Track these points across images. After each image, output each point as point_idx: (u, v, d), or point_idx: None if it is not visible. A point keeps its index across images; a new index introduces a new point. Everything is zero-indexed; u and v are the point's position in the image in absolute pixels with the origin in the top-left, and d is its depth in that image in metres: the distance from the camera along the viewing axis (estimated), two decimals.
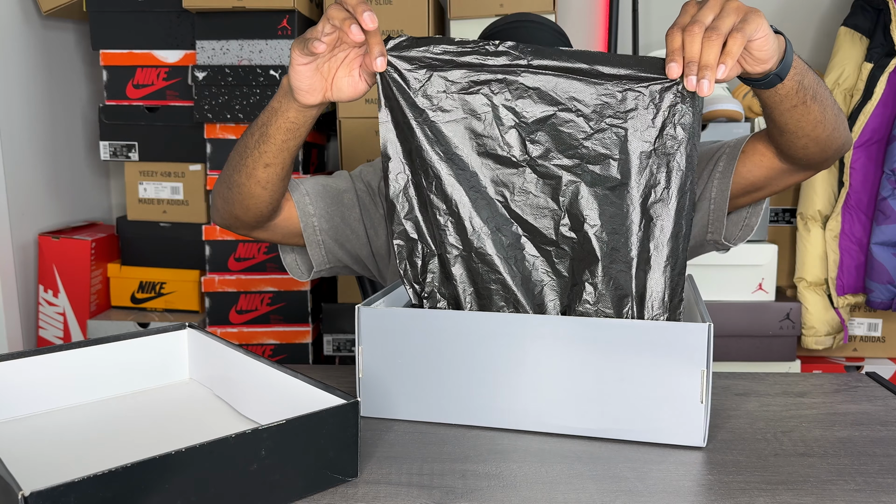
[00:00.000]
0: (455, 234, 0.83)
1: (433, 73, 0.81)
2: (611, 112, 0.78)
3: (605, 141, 0.79)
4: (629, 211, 0.78)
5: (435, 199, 0.83)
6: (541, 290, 0.83)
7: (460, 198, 0.82)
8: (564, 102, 0.79)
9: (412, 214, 0.85)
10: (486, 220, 0.82)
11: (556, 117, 0.80)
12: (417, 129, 0.82)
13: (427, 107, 0.81)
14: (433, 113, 0.81)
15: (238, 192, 0.97)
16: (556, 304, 0.83)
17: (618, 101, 0.78)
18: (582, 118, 0.79)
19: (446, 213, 0.83)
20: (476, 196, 0.82)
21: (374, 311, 0.81)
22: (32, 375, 0.81)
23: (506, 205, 0.83)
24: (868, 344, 2.07)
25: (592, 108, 0.79)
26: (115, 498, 0.54)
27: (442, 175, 0.82)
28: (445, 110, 0.82)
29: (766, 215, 2.02)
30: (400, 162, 0.84)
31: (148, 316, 2.12)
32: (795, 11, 2.26)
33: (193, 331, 0.91)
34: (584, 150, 0.80)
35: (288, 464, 0.64)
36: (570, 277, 0.82)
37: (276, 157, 0.93)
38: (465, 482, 0.69)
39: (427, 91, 0.81)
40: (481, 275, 0.83)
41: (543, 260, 0.83)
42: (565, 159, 0.80)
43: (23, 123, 2.05)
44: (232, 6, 1.91)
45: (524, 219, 0.82)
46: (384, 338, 0.81)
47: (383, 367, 0.82)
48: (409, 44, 0.81)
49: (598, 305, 0.80)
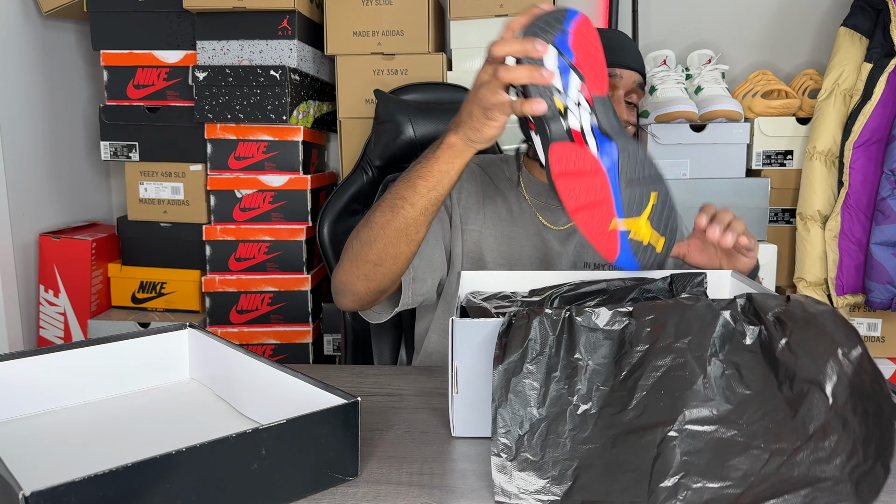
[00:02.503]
0: None
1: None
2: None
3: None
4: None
5: None
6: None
7: None
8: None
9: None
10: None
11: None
12: None
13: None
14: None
15: (394, 263, 0.98)
16: None
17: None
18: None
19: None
20: None
21: (472, 324, 0.76)
22: (32, 375, 0.81)
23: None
24: (868, 344, 2.07)
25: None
26: (115, 498, 0.54)
27: None
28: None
29: (766, 215, 2.02)
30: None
31: (148, 316, 2.12)
32: (795, 11, 2.27)
33: (194, 331, 0.91)
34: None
35: (288, 463, 0.64)
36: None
37: (434, 210, 0.97)
38: (465, 482, 0.69)
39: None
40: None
41: None
42: None
43: (23, 123, 2.06)
44: (232, 6, 1.91)
45: None
46: (481, 352, 0.76)
47: (480, 383, 0.77)
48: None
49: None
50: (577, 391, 0.69)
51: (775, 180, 2.05)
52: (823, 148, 1.94)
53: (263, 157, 2.01)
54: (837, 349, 0.67)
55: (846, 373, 0.66)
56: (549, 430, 0.68)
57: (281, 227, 2.03)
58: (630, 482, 0.64)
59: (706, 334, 0.70)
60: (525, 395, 0.69)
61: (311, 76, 2.09)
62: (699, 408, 0.66)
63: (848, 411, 0.64)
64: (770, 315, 0.70)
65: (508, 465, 0.66)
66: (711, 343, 0.70)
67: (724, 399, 0.67)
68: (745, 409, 0.66)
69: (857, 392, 0.65)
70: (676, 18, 2.29)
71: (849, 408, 0.64)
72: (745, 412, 0.66)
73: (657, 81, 2.06)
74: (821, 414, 0.64)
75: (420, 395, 0.91)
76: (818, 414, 0.65)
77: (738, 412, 0.66)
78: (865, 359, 0.66)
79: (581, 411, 0.69)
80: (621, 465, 0.65)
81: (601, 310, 0.73)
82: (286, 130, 2.00)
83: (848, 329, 0.68)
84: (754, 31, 2.28)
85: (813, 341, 0.68)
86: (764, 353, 0.69)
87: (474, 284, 0.98)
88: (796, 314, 0.70)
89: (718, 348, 0.70)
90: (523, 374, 0.70)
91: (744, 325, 0.71)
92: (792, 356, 0.68)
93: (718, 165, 2.01)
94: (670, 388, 0.68)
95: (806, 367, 0.67)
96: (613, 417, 0.68)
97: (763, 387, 0.67)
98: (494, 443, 0.67)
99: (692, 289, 0.91)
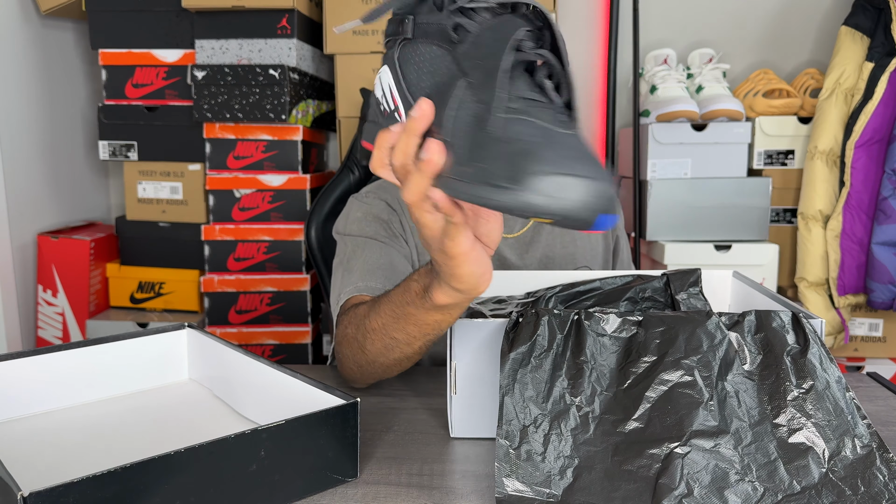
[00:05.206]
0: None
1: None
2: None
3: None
4: None
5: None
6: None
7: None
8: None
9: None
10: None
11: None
12: None
13: None
14: None
15: (398, 370, 0.86)
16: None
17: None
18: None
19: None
20: None
21: (471, 325, 0.76)
22: (32, 375, 0.81)
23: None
24: (869, 344, 2.06)
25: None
26: (114, 498, 0.54)
27: None
28: None
29: (768, 215, 2.02)
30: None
31: (147, 316, 2.11)
32: (796, 11, 2.26)
33: (193, 331, 0.91)
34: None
35: (287, 464, 0.64)
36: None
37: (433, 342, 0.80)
38: (465, 482, 0.69)
39: None
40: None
41: None
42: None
43: (22, 123, 2.05)
44: (231, 5, 1.91)
45: None
46: (480, 353, 0.76)
47: (479, 384, 0.77)
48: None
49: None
50: (581, 392, 0.69)
51: (776, 180, 2.04)
52: (825, 147, 1.94)
53: (262, 157, 2.01)
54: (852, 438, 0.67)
55: (849, 457, 0.66)
56: (552, 426, 0.68)
57: (280, 227, 2.02)
58: (632, 493, 0.64)
59: (715, 354, 0.70)
60: (531, 387, 0.69)
61: (310, 75, 2.09)
62: (704, 429, 0.66)
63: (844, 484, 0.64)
64: (787, 356, 0.70)
65: (511, 454, 0.66)
66: (719, 364, 0.70)
67: (725, 424, 0.67)
68: (742, 438, 0.66)
69: (859, 475, 0.65)
70: (677, 17, 2.29)
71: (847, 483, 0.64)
72: (741, 441, 0.66)
73: (658, 81, 2.06)
74: (814, 478, 0.64)
75: (419, 396, 0.91)
76: (811, 475, 0.64)
77: (736, 440, 0.66)
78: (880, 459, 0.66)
79: (583, 412, 0.69)
80: (623, 474, 0.65)
81: (610, 316, 0.73)
82: (285, 130, 1.99)
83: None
84: (755, 30, 2.28)
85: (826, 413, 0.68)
86: (762, 380, 0.69)
87: None
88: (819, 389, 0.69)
89: (725, 371, 0.70)
90: (530, 368, 0.70)
91: (745, 351, 0.71)
92: (802, 408, 0.68)
93: (720, 165, 2.00)
94: (677, 405, 0.68)
95: (813, 432, 0.67)
96: (616, 424, 0.68)
97: (759, 419, 0.68)
98: (500, 430, 0.67)
99: (688, 288, 0.90)
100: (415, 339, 0.77)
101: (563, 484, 0.65)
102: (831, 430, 0.66)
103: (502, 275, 0.97)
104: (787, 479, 0.64)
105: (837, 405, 0.68)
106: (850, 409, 0.68)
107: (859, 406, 0.68)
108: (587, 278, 0.94)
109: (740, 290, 0.95)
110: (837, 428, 0.67)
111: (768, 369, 0.70)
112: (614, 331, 0.73)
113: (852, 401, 0.68)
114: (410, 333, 0.76)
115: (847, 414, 0.67)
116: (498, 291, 0.97)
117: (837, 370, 0.70)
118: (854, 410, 0.67)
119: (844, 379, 0.70)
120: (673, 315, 0.73)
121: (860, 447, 0.65)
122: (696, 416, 0.67)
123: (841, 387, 0.69)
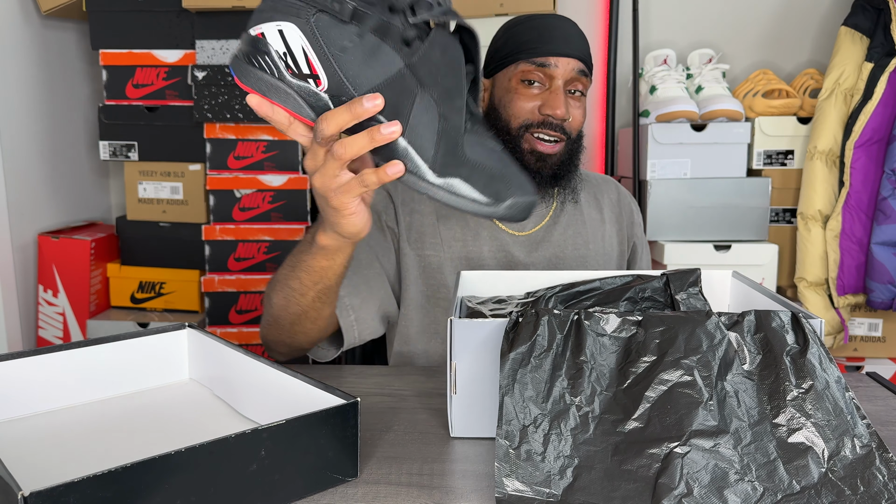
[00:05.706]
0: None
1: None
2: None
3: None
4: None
5: None
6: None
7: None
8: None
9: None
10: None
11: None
12: None
13: None
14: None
15: (306, 336, 0.97)
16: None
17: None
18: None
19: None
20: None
21: (471, 325, 0.76)
22: (32, 375, 0.81)
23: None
24: (868, 344, 2.07)
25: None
26: (114, 498, 0.54)
27: None
28: None
29: (767, 215, 2.02)
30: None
31: (148, 316, 2.11)
32: (796, 11, 2.26)
33: (193, 331, 0.91)
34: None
35: (288, 464, 0.64)
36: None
37: (336, 288, 0.92)
38: (465, 482, 0.69)
39: None
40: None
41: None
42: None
43: (22, 123, 2.05)
44: (232, 6, 1.91)
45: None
46: (480, 353, 0.76)
47: (479, 384, 0.77)
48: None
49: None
50: (581, 392, 0.69)
51: (776, 180, 2.05)
52: (824, 147, 1.94)
53: (263, 157, 2.01)
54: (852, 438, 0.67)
55: (849, 458, 0.66)
56: (552, 426, 0.68)
57: (280, 227, 2.02)
58: (632, 493, 0.64)
59: (714, 354, 0.70)
60: (530, 387, 0.70)
61: None
62: (704, 429, 0.66)
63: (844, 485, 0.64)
64: (786, 356, 0.70)
65: (511, 454, 0.66)
66: (718, 364, 0.70)
67: (725, 424, 0.67)
68: (741, 438, 0.66)
69: (859, 476, 0.65)
70: (677, 18, 2.29)
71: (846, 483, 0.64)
72: (740, 441, 0.66)
73: (658, 81, 2.06)
74: (813, 477, 0.64)
75: (419, 396, 0.91)
76: (810, 475, 0.64)
77: (736, 439, 0.66)
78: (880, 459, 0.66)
79: (583, 412, 0.69)
80: (623, 474, 0.65)
81: (610, 316, 0.73)
82: None
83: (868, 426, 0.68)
84: (755, 30, 2.28)
85: (827, 414, 0.68)
86: (762, 380, 0.69)
87: (472, 284, 0.98)
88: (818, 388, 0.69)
89: (724, 370, 0.70)
90: (530, 368, 0.70)
91: (745, 351, 0.71)
92: (802, 408, 0.68)
93: (719, 165, 2.01)
94: (677, 405, 0.68)
95: (812, 432, 0.67)
96: (615, 424, 0.68)
97: (759, 419, 0.68)
98: (500, 430, 0.67)
99: (688, 288, 0.90)
100: (307, 289, 0.88)
101: (563, 484, 0.65)
102: (831, 429, 0.66)
103: (503, 275, 0.97)
104: (786, 478, 0.64)
105: (837, 405, 0.68)
106: (849, 408, 0.68)
107: (859, 406, 0.68)
108: (587, 278, 0.95)
109: (740, 290, 0.95)
110: (837, 428, 0.67)
111: (768, 369, 0.70)
112: (614, 331, 0.73)
113: (852, 401, 0.68)
114: (303, 281, 0.88)
115: (846, 414, 0.67)
116: (498, 291, 0.97)
117: (837, 370, 0.70)
118: (853, 410, 0.67)
119: (844, 379, 0.70)
120: (673, 315, 0.73)
121: (860, 447, 0.66)
122: (695, 416, 0.67)
123: (840, 387, 0.69)
